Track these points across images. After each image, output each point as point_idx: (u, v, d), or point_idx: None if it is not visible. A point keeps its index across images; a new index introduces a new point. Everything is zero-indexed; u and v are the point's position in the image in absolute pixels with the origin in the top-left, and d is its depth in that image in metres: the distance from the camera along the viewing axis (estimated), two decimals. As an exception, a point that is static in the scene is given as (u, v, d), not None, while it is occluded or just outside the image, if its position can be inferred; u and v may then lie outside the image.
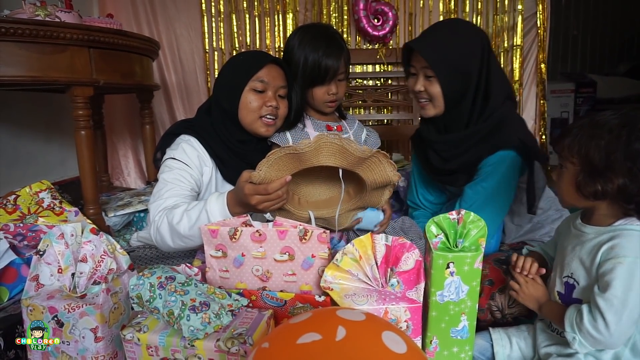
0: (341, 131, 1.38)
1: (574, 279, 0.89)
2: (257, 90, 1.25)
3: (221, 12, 2.64)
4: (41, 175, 2.08)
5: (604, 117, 0.84)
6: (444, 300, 0.91)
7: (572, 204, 0.91)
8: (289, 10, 2.62)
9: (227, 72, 1.30)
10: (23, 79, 1.45)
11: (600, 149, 0.81)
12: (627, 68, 4.16)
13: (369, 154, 1.02)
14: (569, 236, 0.95)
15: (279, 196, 1.04)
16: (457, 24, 1.38)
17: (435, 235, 0.93)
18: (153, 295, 0.86)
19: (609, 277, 0.80)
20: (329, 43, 1.30)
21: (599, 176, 0.82)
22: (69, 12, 1.60)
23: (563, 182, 0.89)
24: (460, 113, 1.25)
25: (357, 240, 0.93)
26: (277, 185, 1.02)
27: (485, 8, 2.63)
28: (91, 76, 1.57)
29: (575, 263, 0.89)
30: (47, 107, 2.20)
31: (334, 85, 1.32)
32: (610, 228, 0.86)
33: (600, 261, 0.83)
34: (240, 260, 1.00)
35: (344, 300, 0.89)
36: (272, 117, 1.27)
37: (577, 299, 0.89)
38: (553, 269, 0.98)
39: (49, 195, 1.53)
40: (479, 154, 1.23)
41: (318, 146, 1.00)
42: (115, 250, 0.96)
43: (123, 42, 1.67)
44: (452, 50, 1.20)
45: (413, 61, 1.27)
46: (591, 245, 0.87)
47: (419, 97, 1.29)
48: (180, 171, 1.22)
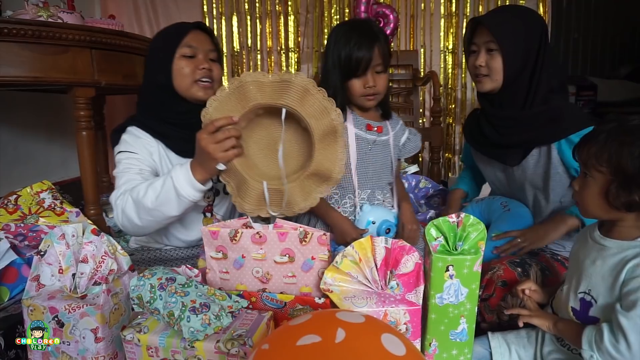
0: (381, 132, 1.34)
1: (591, 296, 0.85)
2: (187, 56, 1.26)
3: (222, 13, 2.64)
4: (42, 175, 2.09)
5: (635, 122, 0.80)
6: (444, 303, 0.91)
7: (596, 215, 0.87)
8: (291, 12, 2.63)
9: (154, 48, 1.32)
10: (25, 80, 1.45)
11: (634, 157, 0.77)
12: (627, 71, 4.16)
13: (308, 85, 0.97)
14: (585, 248, 0.90)
15: (227, 136, 1.01)
16: (522, 7, 1.64)
17: (434, 238, 0.93)
18: (153, 296, 0.87)
19: (634, 296, 0.76)
20: (362, 34, 1.29)
21: (635, 186, 0.78)
22: (72, 13, 1.61)
23: (589, 192, 0.84)
24: (516, 91, 1.27)
25: (357, 242, 0.93)
26: (222, 121, 1.01)
27: (487, 10, 2.64)
28: (93, 77, 1.57)
29: (595, 279, 0.84)
30: (49, 107, 2.21)
31: (371, 77, 1.28)
32: (635, 243, 0.81)
33: (625, 279, 0.79)
34: (241, 262, 1.01)
35: (344, 303, 0.90)
36: (208, 79, 1.28)
37: (593, 317, 0.84)
38: (567, 281, 0.94)
39: (49, 196, 1.53)
40: (540, 137, 1.25)
41: (261, 83, 0.98)
42: (116, 251, 0.97)
43: (125, 43, 1.67)
44: (516, 26, 1.24)
45: (475, 38, 1.29)
46: (614, 261, 0.82)
47: (478, 72, 1.30)
48: (127, 160, 1.24)
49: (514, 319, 1.06)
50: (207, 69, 1.26)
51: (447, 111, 2.72)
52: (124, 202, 1.14)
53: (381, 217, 1.27)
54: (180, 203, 1.10)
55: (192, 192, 1.09)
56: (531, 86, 1.25)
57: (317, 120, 1.00)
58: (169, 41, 1.27)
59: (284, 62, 2.68)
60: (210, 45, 1.30)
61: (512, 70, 1.24)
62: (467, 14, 2.64)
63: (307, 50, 2.66)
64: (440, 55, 2.68)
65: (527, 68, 1.25)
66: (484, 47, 1.27)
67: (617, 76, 4.18)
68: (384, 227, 1.27)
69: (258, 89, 1.00)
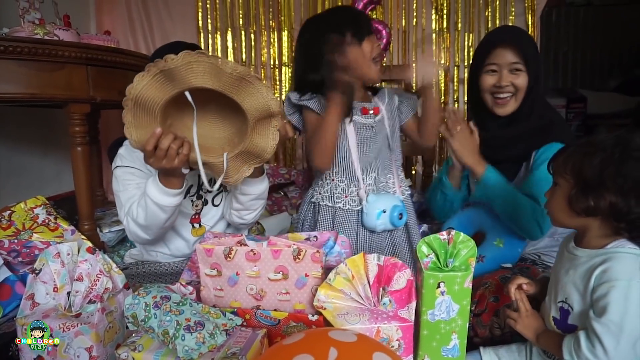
0: (378, 114, 1.34)
1: (568, 304, 0.88)
2: None
3: (217, 28, 2.67)
4: (36, 188, 2.09)
5: (599, 137, 0.86)
6: (435, 319, 0.93)
7: (563, 222, 0.92)
8: (284, 27, 2.66)
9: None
10: (21, 96, 1.46)
11: (593, 165, 0.83)
12: (616, 83, 4.23)
13: (243, 74, 0.96)
14: (561, 260, 0.94)
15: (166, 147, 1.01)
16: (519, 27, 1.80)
17: (426, 255, 0.95)
18: (148, 314, 0.87)
19: (604, 301, 0.80)
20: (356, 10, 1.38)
21: (591, 192, 0.83)
22: (67, 30, 1.62)
23: (555, 198, 0.90)
24: (523, 108, 1.32)
25: (350, 259, 0.95)
26: (151, 142, 1.00)
27: (477, 26, 2.69)
28: (88, 93, 1.59)
29: (569, 287, 0.88)
30: (44, 121, 2.21)
31: (375, 38, 1.30)
32: (602, 251, 0.86)
33: (594, 285, 0.83)
34: (235, 279, 1.01)
35: (337, 319, 0.91)
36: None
37: (572, 324, 0.88)
38: (547, 293, 0.97)
39: (44, 211, 1.53)
40: (530, 147, 1.29)
41: (188, 62, 0.94)
42: (111, 269, 0.98)
43: (120, 60, 1.69)
44: (534, 46, 1.33)
45: (496, 58, 1.31)
46: (584, 269, 0.86)
47: (502, 92, 1.31)
48: (125, 176, 1.27)
49: (506, 334, 1.08)
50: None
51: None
52: (128, 223, 1.22)
53: (391, 204, 1.27)
54: (165, 210, 1.16)
55: (171, 200, 1.15)
56: (536, 100, 1.31)
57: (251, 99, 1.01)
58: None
59: (278, 76, 2.71)
60: None
61: (530, 88, 1.29)
62: (459, 30, 2.68)
63: (301, 64, 2.70)
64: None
65: (538, 83, 1.31)
66: (507, 67, 1.29)
67: (606, 88, 4.24)
68: (395, 214, 1.27)
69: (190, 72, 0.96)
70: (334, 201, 1.32)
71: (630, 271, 0.81)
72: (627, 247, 0.84)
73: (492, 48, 1.31)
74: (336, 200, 1.32)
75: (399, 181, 1.37)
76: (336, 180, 1.33)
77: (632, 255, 0.83)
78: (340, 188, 1.32)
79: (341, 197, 1.32)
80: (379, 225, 1.27)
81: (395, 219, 1.27)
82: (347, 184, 1.32)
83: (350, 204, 1.31)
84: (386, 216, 1.27)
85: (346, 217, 1.32)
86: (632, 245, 0.85)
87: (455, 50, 2.69)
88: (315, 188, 1.38)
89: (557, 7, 4.14)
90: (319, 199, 1.35)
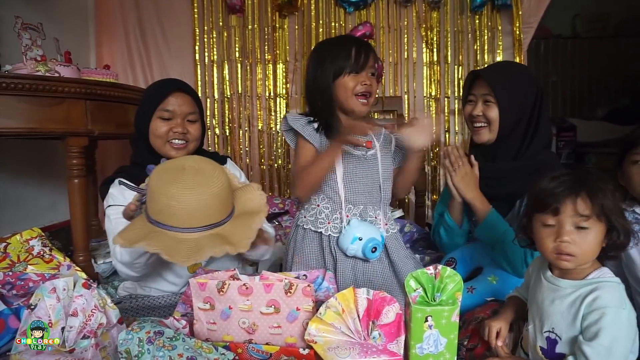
0: (370, 147, 1.35)
1: (555, 334, 0.92)
2: (163, 118, 1.35)
3: (214, 61, 2.74)
4: (31, 217, 2.10)
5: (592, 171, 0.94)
6: (424, 353, 0.94)
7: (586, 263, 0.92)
8: (279, 60, 2.74)
9: (140, 103, 1.42)
10: (21, 131, 1.50)
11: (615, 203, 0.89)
12: (605, 112, 4.33)
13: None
14: (541, 289, 0.98)
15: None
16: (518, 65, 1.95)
17: (414, 290, 0.97)
18: (142, 350, 0.89)
19: (595, 327, 0.85)
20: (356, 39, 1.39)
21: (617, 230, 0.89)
22: (68, 66, 1.67)
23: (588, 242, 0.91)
24: (510, 144, 1.36)
25: (340, 294, 0.97)
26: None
27: (467, 59, 2.77)
28: (86, 127, 1.62)
29: (556, 318, 0.92)
30: (40, 151, 2.24)
31: (366, 76, 1.30)
32: (587, 281, 0.91)
33: (584, 314, 0.88)
34: (228, 313, 1.03)
35: (327, 353, 0.92)
36: (181, 141, 1.36)
37: (560, 353, 0.92)
38: (530, 321, 1.01)
39: (39, 243, 1.54)
40: (523, 188, 1.29)
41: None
42: (106, 304, 0.99)
43: (118, 94, 1.73)
44: (512, 81, 1.34)
45: (474, 89, 1.39)
46: (571, 299, 0.91)
47: (476, 121, 1.38)
48: (116, 215, 1.28)
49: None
50: (181, 132, 1.35)
51: (432, 155, 2.80)
52: (116, 264, 1.26)
53: (368, 235, 1.27)
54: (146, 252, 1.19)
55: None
56: (524, 140, 1.34)
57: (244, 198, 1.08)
58: (148, 102, 1.37)
59: (273, 108, 2.77)
60: (189, 108, 1.38)
61: (507, 122, 1.33)
62: (449, 63, 2.77)
63: (296, 96, 2.75)
64: (423, 101, 2.79)
65: (521, 123, 1.33)
66: (481, 98, 1.36)
67: (595, 117, 4.34)
68: (370, 245, 1.26)
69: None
70: (317, 226, 1.35)
71: (618, 299, 0.87)
72: (608, 276, 0.90)
73: (473, 80, 1.40)
74: (319, 225, 1.35)
75: (386, 219, 1.40)
76: (321, 206, 1.35)
77: (615, 284, 0.90)
78: (325, 214, 1.35)
79: (324, 223, 1.34)
80: (351, 249, 1.28)
81: (368, 250, 1.27)
82: (331, 210, 1.34)
83: (332, 230, 1.33)
84: (360, 244, 1.27)
85: (329, 242, 1.34)
86: (610, 274, 0.91)
87: (445, 83, 2.77)
88: (302, 211, 1.41)
89: (545, 39, 4.27)
90: (303, 222, 1.38)
